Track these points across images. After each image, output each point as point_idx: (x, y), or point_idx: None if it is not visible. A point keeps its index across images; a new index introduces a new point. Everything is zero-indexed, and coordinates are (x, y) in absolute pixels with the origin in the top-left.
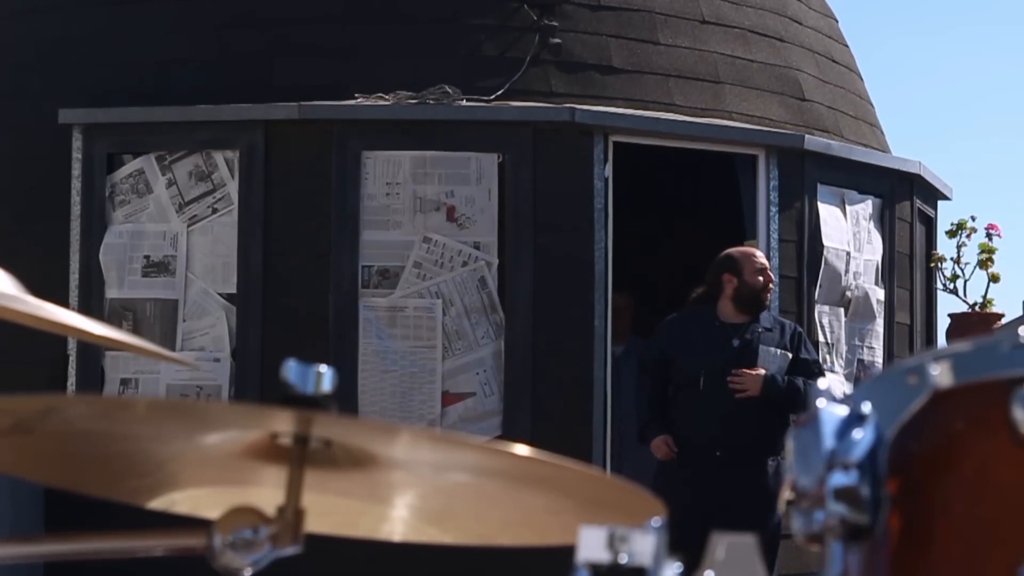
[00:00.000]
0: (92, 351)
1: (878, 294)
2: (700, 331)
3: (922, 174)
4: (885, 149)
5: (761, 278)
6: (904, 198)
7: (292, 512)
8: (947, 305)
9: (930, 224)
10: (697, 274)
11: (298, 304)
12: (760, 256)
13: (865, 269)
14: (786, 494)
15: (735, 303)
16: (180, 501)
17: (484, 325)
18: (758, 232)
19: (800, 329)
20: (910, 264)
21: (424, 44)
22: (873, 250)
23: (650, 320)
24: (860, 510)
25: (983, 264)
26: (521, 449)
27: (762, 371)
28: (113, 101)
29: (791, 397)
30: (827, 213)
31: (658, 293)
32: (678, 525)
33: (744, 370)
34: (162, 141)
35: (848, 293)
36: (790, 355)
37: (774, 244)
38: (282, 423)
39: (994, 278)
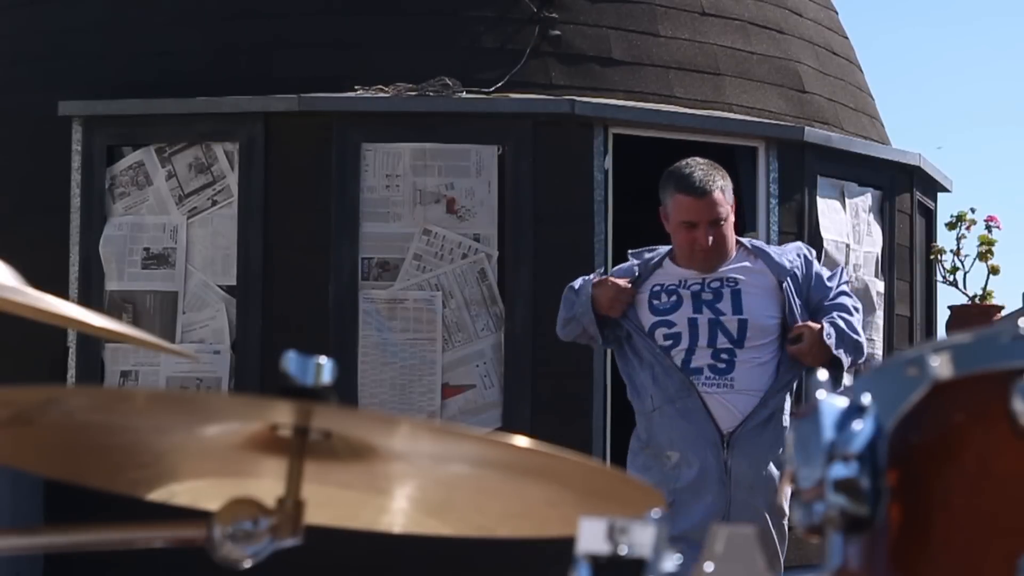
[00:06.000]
0: (92, 343)
1: (878, 286)
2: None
3: (922, 166)
4: (885, 141)
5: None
6: (904, 190)
7: (292, 503)
8: (947, 297)
9: (930, 216)
10: None
11: (298, 296)
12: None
13: (865, 261)
14: (786, 485)
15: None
16: (180, 493)
17: (484, 317)
18: (758, 224)
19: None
20: (910, 256)
21: (424, 36)
22: (873, 242)
23: None
24: (860, 502)
25: (983, 256)
26: (521, 441)
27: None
28: (113, 93)
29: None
30: (826, 205)
31: None
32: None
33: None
34: (162, 133)
35: None
36: None
37: (774, 236)
38: (282, 415)
39: (994, 270)
